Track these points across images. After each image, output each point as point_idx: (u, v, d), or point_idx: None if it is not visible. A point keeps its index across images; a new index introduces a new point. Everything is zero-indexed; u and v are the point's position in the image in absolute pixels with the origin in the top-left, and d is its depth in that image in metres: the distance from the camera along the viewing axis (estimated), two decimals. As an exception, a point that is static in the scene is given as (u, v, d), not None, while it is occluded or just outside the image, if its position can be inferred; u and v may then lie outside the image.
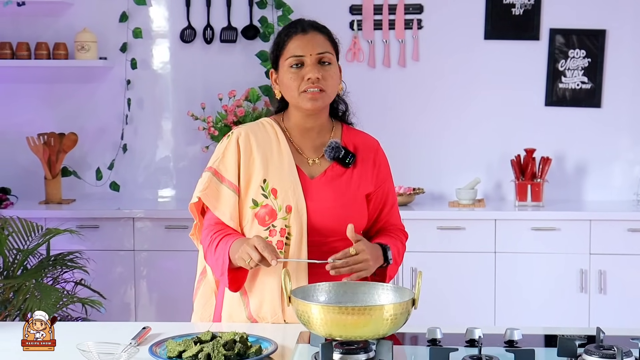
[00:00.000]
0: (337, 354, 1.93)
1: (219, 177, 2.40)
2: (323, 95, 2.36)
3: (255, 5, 4.82)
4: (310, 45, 2.36)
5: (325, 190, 2.39)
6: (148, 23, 4.89)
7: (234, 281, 2.34)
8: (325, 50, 2.38)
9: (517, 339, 2.09)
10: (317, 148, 2.44)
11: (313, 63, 2.35)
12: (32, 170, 4.87)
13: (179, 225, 4.42)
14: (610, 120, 4.76)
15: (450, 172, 4.83)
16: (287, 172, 2.38)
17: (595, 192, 4.79)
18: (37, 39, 4.79)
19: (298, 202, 2.35)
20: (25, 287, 3.73)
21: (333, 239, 2.37)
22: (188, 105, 4.83)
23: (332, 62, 2.40)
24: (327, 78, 2.36)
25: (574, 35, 4.73)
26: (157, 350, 2.03)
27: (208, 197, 2.40)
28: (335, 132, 2.48)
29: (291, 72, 2.36)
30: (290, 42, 2.38)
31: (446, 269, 4.36)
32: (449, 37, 4.80)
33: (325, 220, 2.36)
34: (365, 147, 2.48)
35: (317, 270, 2.33)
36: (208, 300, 2.54)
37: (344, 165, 2.42)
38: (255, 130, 2.44)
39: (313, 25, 2.42)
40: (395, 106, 4.83)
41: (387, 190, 2.49)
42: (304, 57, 2.36)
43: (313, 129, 2.44)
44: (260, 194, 2.37)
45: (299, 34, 2.38)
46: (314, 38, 2.38)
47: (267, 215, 2.36)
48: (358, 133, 2.52)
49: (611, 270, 4.33)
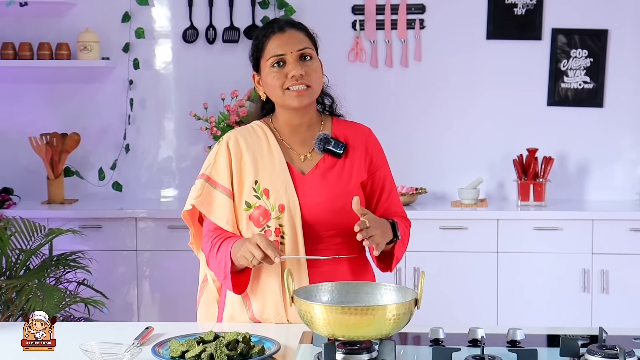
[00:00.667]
0: (339, 354, 1.94)
1: (212, 183, 2.40)
2: (309, 91, 2.37)
3: (258, 5, 4.82)
4: (290, 43, 2.37)
5: (318, 184, 2.38)
6: (150, 23, 4.89)
7: (238, 283, 2.34)
8: (305, 45, 2.38)
9: (519, 338, 2.09)
10: (307, 143, 2.44)
11: (295, 60, 2.36)
12: (34, 170, 4.88)
13: (181, 225, 4.36)
14: (612, 120, 4.76)
15: (452, 172, 4.83)
16: (278, 171, 2.38)
17: (597, 192, 4.79)
18: (39, 39, 4.79)
19: (290, 200, 2.35)
20: (28, 287, 3.73)
21: (329, 234, 2.37)
22: (190, 105, 4.84)
23: (313, 57, 2.40)
24: (311, 73, 2.36)
25: (576, 35, 4.73)
26: (160, 350, 2.03)
27: (202, 204, 2.40)
28: (325, 125, 2.47)
29: (274, 71, 2.37)
30: (269, 42, 2.38)
31: (449, 269, 4.36)
32: (451, 37, 4.80)
33: (320, 215, 2.35)
34: (356, 135, 2.47)
35: (318, 270, 2.33)
36: (210, 308, 2.53)
37: (336, 155, 2.41)
38: (244, 134, 2.45)
39: (289, 22, 2.42)
40: (397, 106, 4.83)
41: (384, 177, 2.47)
42: (285, 55, 2.36)
43: (302, 125, 2.44)
44: (253, 196, 2.37)
45: (277, 33, 2.38)
46: (293, 35, 2.38)
47: (261, 216, 2.36)
48: (348, 123, 2.51)
49: (614, 270, 4.32)
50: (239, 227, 2.40)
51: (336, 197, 2.36)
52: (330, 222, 2.36)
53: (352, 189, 2.40)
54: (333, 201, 2.36)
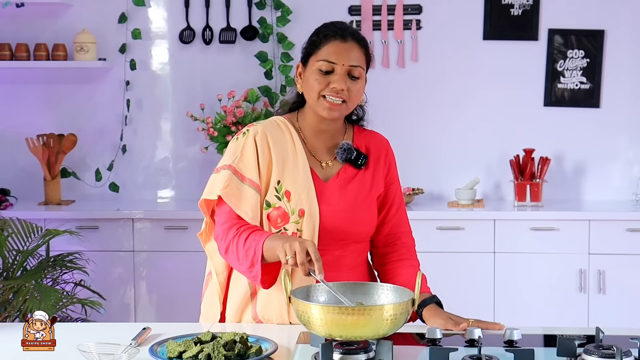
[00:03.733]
0: (337, 354, 1.94)
1: (239, 176, 2.34)
2: (343, 106, 2.33)
3: (254, 6, 4.82)
4: (345, 55, 2.31)
5: (338, 193, 2.37)
6: (147, 24, 4.89)
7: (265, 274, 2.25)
8: (359, 64, 2.33)
9: (516, 338, 2.09)
10: (330, 150, 2.42)
11: (343, 73, 2.31)
12: (31, 171, 4.88)
13: (178, 226, 4.42)
14: (609, 120, 4.77)
15: (449, 173, 4.83)
16: (301, 175, 2.35)
17: (594, 192, 4.79)
18: (36, 40, 4.79)
19: (311, 206, 2.33)
20: (25, 288, 3.73)
21: (343, 242, 2.36)
22: (187, 106, 4.84)
23: (361, 77, 2.35)
24: (352, 91, 2.33)
25: (573, 36, 4.74)
26: (158, 350, 2.03)
27: (229, 195, 2.32)
28: (347, 134, 2.46)
29: (318, 74, 2.32)
30: (326, 44, 2.33)
31: (445, 269, 4.36)
32: (447, 37, 4.80)
33: (337, 223, 2.34)
34: (377, 147, 2.47)
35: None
36: (214, 302, 2.50)
37: (357, 166, 2.41)
38: (271, 129, 2.39)
39: (354, 34, 2.36)
40: (394, 106, 4.84)
41: (395, 192, 2.47)
42: (336, 65, 2.31)
43: (327, 132, 2.42)
44: (274, 196, 2.34)
45: (338, 40, 2.33)
46: (351, 48, 2.33)
47: (280, 218, 2.33)
48: (369, 133, 2.50)
49: (610, 270, 4.33)
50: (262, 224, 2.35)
51: (354, 208, 2.34)
52: (346, 231, 2.36)
53: (370, 201, 2.40)
54: (352, 212, 2.36)
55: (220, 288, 2.47)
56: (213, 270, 2.48)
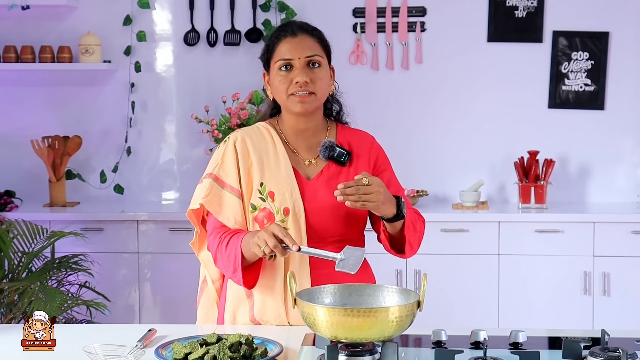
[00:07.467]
0: (342, 356, 1.94)
1: (220, 183, 2.40)
2: (312, 98, 2.37)
3: (259, 8, 4.83)
4: (299, 49, 2.37)
5: (323, 190, 2.39)
6: (152, 26, 4.90)
7: (248, 277, 2.32)
8: (314, 53, 2.39)
9: (522, 341, 2.09)
10: (313, 148, 2.45)
11: (302, 66, 2.36)
12: (36, 173, 4.88)
13: (183, 227, 4.42)
14: (613, 123, 4.76)
15: (453, 175, 4.83)
16: (284, 174, 2.38)
17: (598, 194, 4.79)
18: (41, 42, 4.80)
19: (295, 204, 2.36)
20: (30, 289, 3.74)
21: (333, 239, 2.37)
22: (192, 108, 4.84)
23: (322, 64, 2.40)
24: (316, 80, 2.37)
25: (577, 38, 4.74)
26: (163, 352, 2.03)
27: (211, 203, 2.38)
28: (330, 131, 2.48)
29: (280, 74, 2.38)
30: (279, 45, 2.39)
31: (450, 271, 4.36)
32: (452, 39, 4.80)
33: (324, 220, 2.37)
34: (360, 143, 2.48)
35: (320, 272, 2.33)
36: (210, 309, 2.53)
37: (340, 163, 2.42)
38: (251, 134, 2.45)
39: (303, 27, 2.42)
40: (398, 109, 4.84)
41: (387, 180, 2.45)
42: (293, 60, 2.37)
43: (307, 130, 2.44)
44: (258, 198, 2.38)
45: (289, 37, 2.39)
46: (303, 41, 2.39)
47: (266, 219, 2.36)
48: (352, 131, 2.52)
49: (615, 273, 4.33)
50: (247, 228, 2.39)
51: (342, 204, 2.34)
52: (334, 228, 2.38)
53: None
54: (338, 208, 2.36)
55: (216, 295, 2.51)
56: (208, 278, 2.51)
